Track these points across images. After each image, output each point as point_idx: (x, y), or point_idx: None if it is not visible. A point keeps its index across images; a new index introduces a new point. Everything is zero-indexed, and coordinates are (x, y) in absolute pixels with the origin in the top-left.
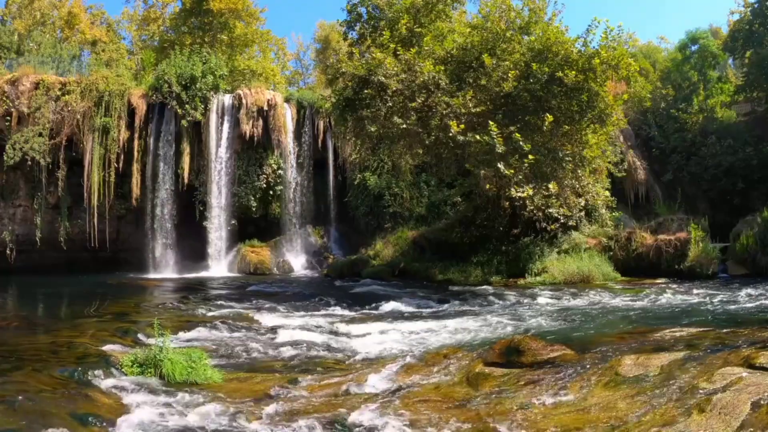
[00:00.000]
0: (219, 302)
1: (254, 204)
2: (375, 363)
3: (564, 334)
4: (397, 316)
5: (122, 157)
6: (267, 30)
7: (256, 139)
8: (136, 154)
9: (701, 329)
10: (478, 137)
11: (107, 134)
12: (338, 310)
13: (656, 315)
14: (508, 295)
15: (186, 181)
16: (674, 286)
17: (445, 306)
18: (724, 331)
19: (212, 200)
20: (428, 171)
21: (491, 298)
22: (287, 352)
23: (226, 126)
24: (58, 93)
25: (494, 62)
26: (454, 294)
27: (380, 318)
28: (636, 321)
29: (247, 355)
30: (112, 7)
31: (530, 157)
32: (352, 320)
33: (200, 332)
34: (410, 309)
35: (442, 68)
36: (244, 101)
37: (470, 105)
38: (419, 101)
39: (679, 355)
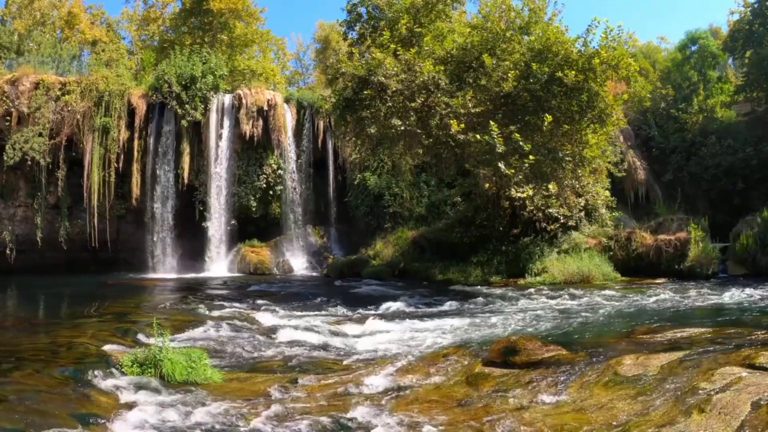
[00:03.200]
0: (219, 302)
1: (254, 204)
2: (375, 363)
3: (563, 334)
4: (396, 316)
5: (122, 157)
6: (267, 30)
7: (256, 139)
8: (136, 154)
9: (701, 329)
10: (478, 137)
11: (107, 134)
12: (338, 310)
13: (656, 315)
14: (508, 295)
15: (186, 181)
16: (674, 286)
17: (445, 306)
18: (724, 331)
19: (212, 200)
20: (428, 171)
21: (491, 298)
22: (287, 352)
23: (226, 126)
24: (58, 93)
25: (494, 62)
26: (453, 294)
27: (380, 318)
28: (635, 321)
29: (247, 355)
30: (112, 7)
31: (530, 157)
32: (352, 320)
33: (200, 332)
34: (410, 309)
35: (442, 68)
36: (244, 101)
37: (470, 105)
38: (419, 101)
39: (678, 355)
